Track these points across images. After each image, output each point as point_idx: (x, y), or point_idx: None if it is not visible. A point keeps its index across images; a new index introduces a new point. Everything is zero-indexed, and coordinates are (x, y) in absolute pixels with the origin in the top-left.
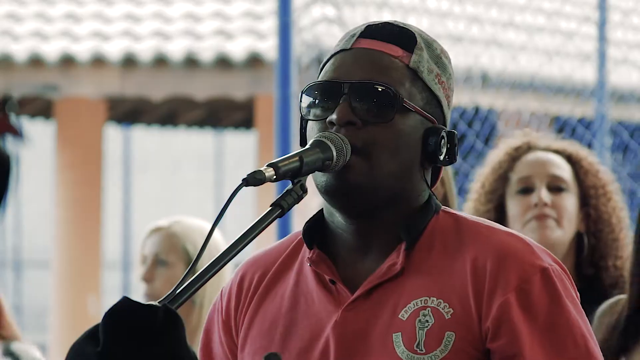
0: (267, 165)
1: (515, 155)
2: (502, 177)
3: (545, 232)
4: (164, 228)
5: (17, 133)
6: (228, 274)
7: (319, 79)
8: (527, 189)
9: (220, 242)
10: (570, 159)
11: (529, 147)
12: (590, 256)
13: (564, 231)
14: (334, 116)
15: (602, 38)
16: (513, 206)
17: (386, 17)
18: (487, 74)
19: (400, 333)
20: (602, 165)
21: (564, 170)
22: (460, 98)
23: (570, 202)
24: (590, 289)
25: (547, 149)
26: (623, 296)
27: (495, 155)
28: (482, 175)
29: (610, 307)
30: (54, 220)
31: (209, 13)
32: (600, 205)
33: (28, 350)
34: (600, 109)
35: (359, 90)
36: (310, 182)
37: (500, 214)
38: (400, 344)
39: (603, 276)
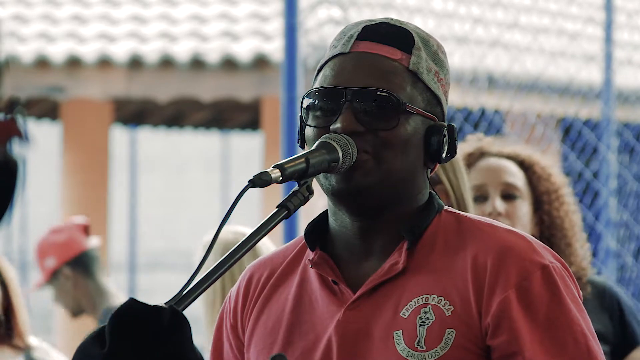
0: (273, 167)
1: (469, 162)
2: None
3: None
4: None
5: (24, 137)
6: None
7: (319, 84)
8: (481, 197)
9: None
10: (523, 164)
11: (481, 153)
12: None
13: None
14: (338, 125)
15: (609, 39)
16: None
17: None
18: (492, 75)
19: (401, 331)
20: (555, 167)
21: (517, 177)
22: (466, 99)
23: (523, 209)
24: None
25: (500, 155)
26: None
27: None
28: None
29: None
30: (60, 222)
31: (215, 14)
32: (552, 210)
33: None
34: (606, 111)
35: (362, 97)
36: (316, 183)
37: None
38: (401, 341)
39: None
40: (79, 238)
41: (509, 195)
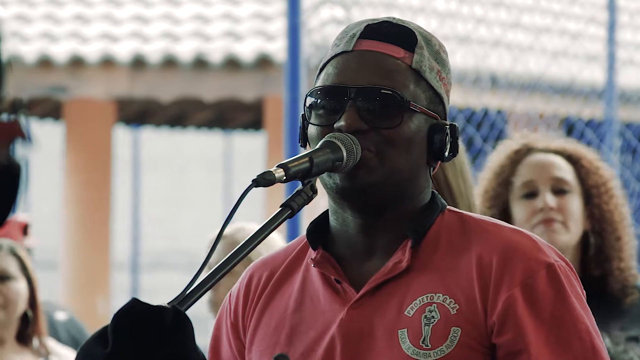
0: (277, 166)
1: (516, 159)
2: (505, 182)
3: (553, 236)
4: (227, 236)
5: (26, 138)
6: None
7: (322, 82)
8: (531, 193)
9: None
10: (571, 158)
11: (528, 149)
12: (596, 256)
13: (571, 233)
14: (342, 123)
15: (611, 40)
16: (518, 211)
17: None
18: (495, 75)
19: (406, 329)
20: (603, 162)
21: (566, 172)
22: (468, 99)
23: (575, 203)
24: (600, 295)
25: (547, 150)
26: None
27: (496, 159)
28: (484, 179)
29: None
30: (63, 221)
31: (218, 14)
32: (602, 203)
33: None
34: (609, 111)
35: (366, 95)
36: (318, 182)
37: (504, 219)
38: (406, 339)
39: (610, 281)
40: (15, 236)
41: (559, 190)
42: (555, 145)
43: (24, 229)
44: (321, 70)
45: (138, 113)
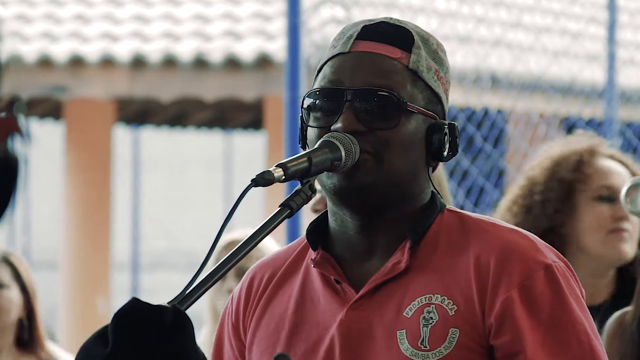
0: (276, 166)
1: (591, 158)
2: (581, 177)
3: (623, 246)
4: (239, 241)
5: (24, 134)
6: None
7: (319, 84)
8: (609, 198)
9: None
10: (632, 172)
11: (596, 152)
12: (637, 263)
13: (634, 244)
14: (339, 125)
15: (612, 39)
16: (590, 211)
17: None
18: (495, 75)
19: (404, 330)
20: None
21: None
22: (469, 99)
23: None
24: (632, 295)
25: (613, 158)
26: (628, 309)
27: (569, 149)
28: (552, 162)
29: (616, 322)
30: (63, 221)
31: (219, 14)
32: None
33: None
34: (609, 111)
35: (362, 96)
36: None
37: (566, 208)
38: (404, 341)
39: None
40: None
41: None
42: (618, 155)
43: None
44: (319, 71)
45: (138, 113)
